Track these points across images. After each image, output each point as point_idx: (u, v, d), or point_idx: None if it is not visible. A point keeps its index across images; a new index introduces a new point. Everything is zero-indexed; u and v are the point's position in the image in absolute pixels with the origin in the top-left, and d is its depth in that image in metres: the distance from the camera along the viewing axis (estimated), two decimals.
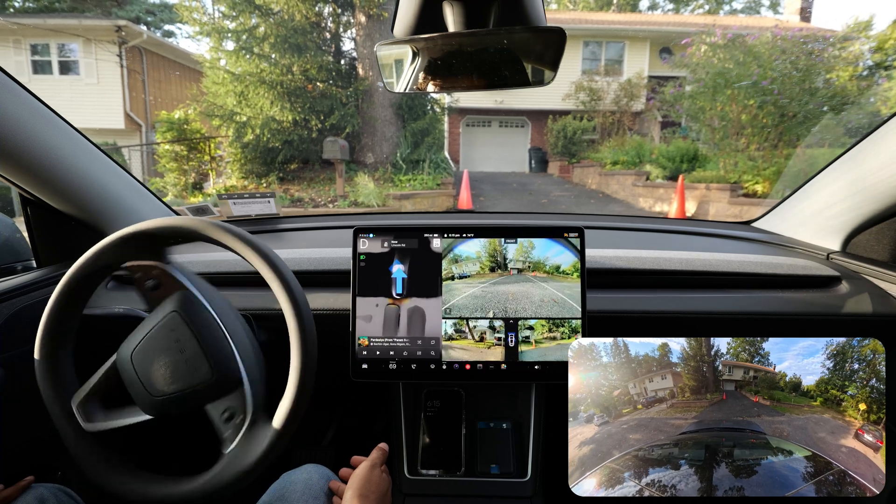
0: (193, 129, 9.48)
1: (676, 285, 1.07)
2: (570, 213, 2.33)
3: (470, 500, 0.96)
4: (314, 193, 8.37)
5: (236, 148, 9.14)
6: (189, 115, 9.48)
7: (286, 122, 8.94)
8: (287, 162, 9.36)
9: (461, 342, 0.93)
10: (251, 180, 9.18)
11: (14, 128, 0.91)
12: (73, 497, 0.83)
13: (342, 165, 7.77)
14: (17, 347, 0.91)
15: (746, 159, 7.12)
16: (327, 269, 1.06)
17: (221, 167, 9.74)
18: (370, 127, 9.47)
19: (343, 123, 9.04)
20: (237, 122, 8.93)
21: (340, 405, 1.51)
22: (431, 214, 2.64)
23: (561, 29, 0.66)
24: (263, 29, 8.93)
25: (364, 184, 7.59)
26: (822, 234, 1.20)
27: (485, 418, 1.03)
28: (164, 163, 9.26)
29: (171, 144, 9.18)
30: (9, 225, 1.21)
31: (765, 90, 6.85)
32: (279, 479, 0.84)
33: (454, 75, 0.76)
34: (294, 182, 9.25)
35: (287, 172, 9.42)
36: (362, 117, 9.33)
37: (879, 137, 0.99)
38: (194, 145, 9.43)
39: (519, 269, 0.95)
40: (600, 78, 13.50)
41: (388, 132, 9.57)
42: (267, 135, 8.87)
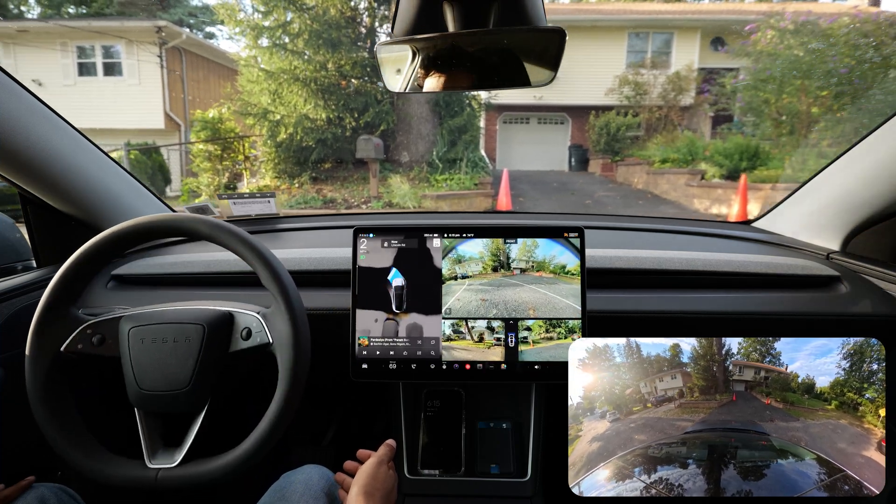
0: (227, 129, 9.43)
1: (677, 285, 1.07)
2: (570, 213, 2.44)
3: (470, 500, 0.96)
4: (347, 194, 8.12)
5: (270, 147, 9.05)
6: (223, 114, 9.43)
7: (320, 121, 8.78)
8: (320, 161, 9.21)
9: (460, 342, 0.93)
10: (284, 180, 9.08)
11: (14, 128, 0.92)
12: (73, 496, 0.84)
13: (376, 165, 7.47)
14: (17, 347, 0.91)
15: (817, 156, 6.41)
16: (327, 269, 1.06)
17: (255, 167, 9.69)
18: (405, 124, 9.21)
19: (377, 121, 8.80)
20: (271, 121, 8.83)
21: (340, 405, 1.51)
22: (432, 214, 2.65)
23: (561, 29, 0.67)
24: (297, 24, 8.77)
25: (398, 184, 7.25)
26: (822, 234, 1.19)
27: (485, 418, 1.03)
28: (197, 162, 9.24)
29: (206, 144, 9.16)
30: (9, 225, 1.22)
31: (841, 78, 6.13)
32: (279, 479, 0.85)
33: (454, 75, 0.76)
34: (327, 182, 9.08)
35: (320, 172, 9.27)
36: (397, 114, 9.07)
37: (880, 137, 0.99)
38: (228, 144, 9.39)
39: (522, 268, 0.95)
40: (646, 71, 12.80)
41: (423, 130, 9.27)
42: (300, 133, 8.74)
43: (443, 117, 9.27)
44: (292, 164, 9.13)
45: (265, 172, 9.33)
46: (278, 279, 0.74)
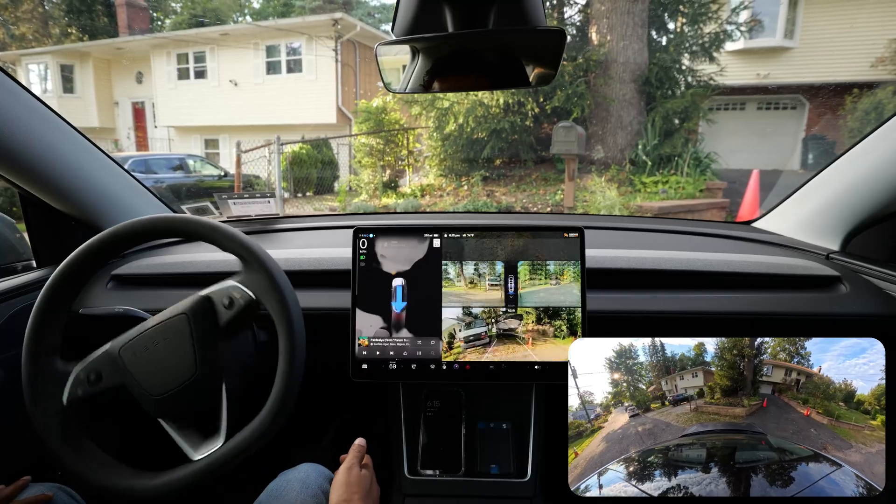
0: (392, 120, 8.64)
1: (677, 285, 1.08)
2: (570, 213, 2.53)
3: (470, 501, 0.97)
4: (525, 198, 6.50)
5: (436, 140, 8.02)
6: (388, 102, 8.66)
7: (495, 108, 7.39)
8: (492, 157, 7.86)
9: (454, 288, 0.94)
10: (450, 179, 7.94)
11: (13, 128, 0.94)
12: (73, 496, 0.85)
13: (575, 163, 5.60)
14: (16, 347, 0.89)
15: None
16: (327, 269, 1.09)
17: (419, 163, 8.81)
18: (603, 110, 7.36)
19: (569, 106, 7.05)
20: (439, 109, 7.74)
21: (340, 405, 1.52)
22: (431, 214, 2.73)
23: (561, 30, 0.68)
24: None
25: (601, 188, 5.30)
26: (822, 234, 1.21)
27: (485, 418, 1.03)
28: (359, 157, 8.60)
29: (367, 137, 8.48)
30: (9, 225, 1.30)
31: None
32: (277, 477, 0.86)
33: (454, 75, 0.78)
34: (500, 183, 7.65)
35: (492, 170, 7.91)
36: (594, 97, 7.12)
37: (880, 137, 1.01)
38: (392, 137, 8.62)
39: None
40: None
41: (625, 117, 7.28)
42: (472, 123, 7.48)
43: (657, 100, 7.08)
44: (460, 161, 7.97)
45: (429, 169, 8.35)
46: (243, 243, 0.77)
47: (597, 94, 7.34)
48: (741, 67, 10.86)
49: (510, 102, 7.34)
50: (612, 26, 7.26)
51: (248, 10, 22.00)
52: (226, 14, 20.39)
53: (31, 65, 14.93)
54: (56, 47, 15.71)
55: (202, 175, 9.73)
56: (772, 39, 10.42)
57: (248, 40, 12.92)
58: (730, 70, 10.64)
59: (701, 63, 7.90)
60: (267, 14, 20.71)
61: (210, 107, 13.37)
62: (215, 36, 13.29)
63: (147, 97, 14.83)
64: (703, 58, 7.76)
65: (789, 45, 10.61)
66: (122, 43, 14.66)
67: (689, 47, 7.87)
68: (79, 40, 17.41)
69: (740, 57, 10.64)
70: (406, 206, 6.92)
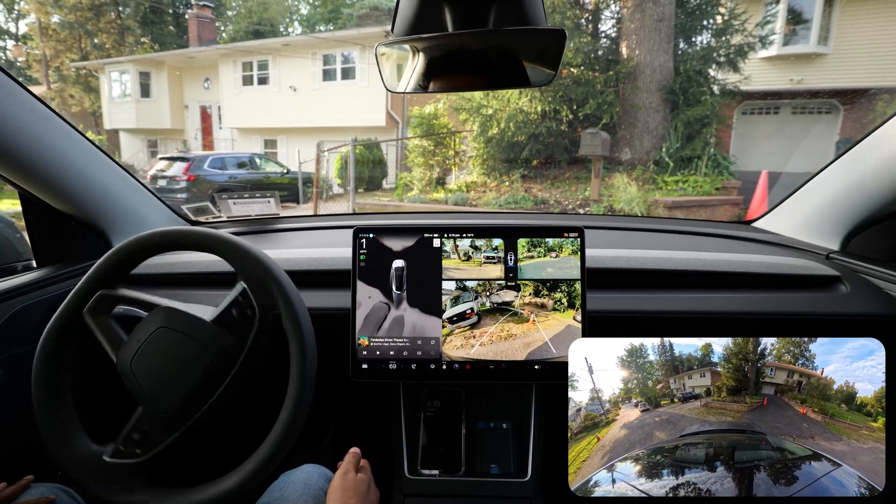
0: (441, 124, 9.55)
1: (676, 285, 1.07)
2: (569, 213, 2.23)
3: (470, 501, 0.96)
4: (559, 195, 7.36)
5: (479, 143, 8.83)
6: (439, 109, 9.58)
7: (533, 114, 8.17)
8: (530, 158, 8.67)
9: (451, 262, 0.94)
10: (493, 177, 8.76)
11: (14, 128, 0.93)
12: (73, 496, 0.84)
13: (600, 163, 6.49)
14: (16, 347, 0.94)
15: None
16: (327, 269, 1.08)
17: (463, 163, 9.66)
18: (630, 117, 8.04)
19: (599, 113, 7.80)
20: (483, 115, 8.57)
21: (340, 405, 1.51)
22: (431, 214, 2.71)
23: (561, 29, 0.67)
24: None
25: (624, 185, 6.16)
26: (822, 233, 1.20)
27: (485, 418, 1.03)
28: (412, 157, 9.56)
29: (420, 139, 9.39)
30: (9, 225, 1.29)
31: None
32: (278, 478, 0.86)
33: (454, 75, 0.77)
34: (536, 181, 8.47)
35: (529, 169, 8.72)
36: (622, 105, 7.90)
37: (879, 137, 1.01)
38: (440, 140, 9.49)
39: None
40: None
41: (651, 122, 7.96)
42: (512, 128, 8.27)
43: (679, 107, 7.80)
44: (501, 161, 8.77)
45: (473, 168, 9.21)
46: (280, 287, 0.76)
47: (625, 102, 8.01)
48: (775, 73, 10.98)
49: (547, 110, 8.10)
50: (640, 41, 7.93)
51: (297, 17, 23.27)
52: (278, 22, 21.70)
53: (114, 72, 16.43)
54: (135, 56, 17.13)
55: (266, 172, 10.83)
56: (805, 46, 10.55)
57: (307, 50, 13.88)
58: (763, 75, 10.78)
59: (725, 73, 8.43)
60: (315, 20, 21.60)
61: (270, 110, 14.34)
62: (277, 46, 14.35)
63: (213, 101, 15.96)
64: (728, 69, 8.35)
65: (823, 51, 10.67)
66: (194, 52, 15.94)
67: (715, 58, 8.41)
68: (151, 49, 19.01)
69: (774, 63, 10.83)
70: (455, 200, 7.87)
